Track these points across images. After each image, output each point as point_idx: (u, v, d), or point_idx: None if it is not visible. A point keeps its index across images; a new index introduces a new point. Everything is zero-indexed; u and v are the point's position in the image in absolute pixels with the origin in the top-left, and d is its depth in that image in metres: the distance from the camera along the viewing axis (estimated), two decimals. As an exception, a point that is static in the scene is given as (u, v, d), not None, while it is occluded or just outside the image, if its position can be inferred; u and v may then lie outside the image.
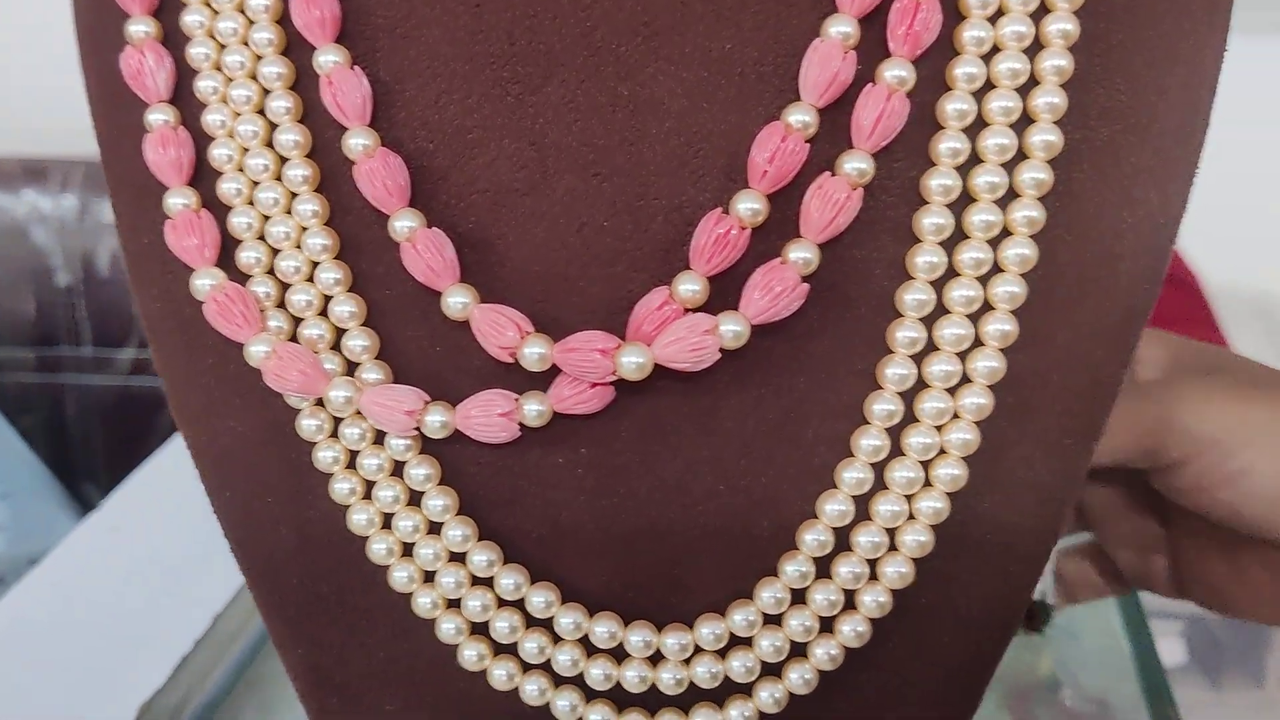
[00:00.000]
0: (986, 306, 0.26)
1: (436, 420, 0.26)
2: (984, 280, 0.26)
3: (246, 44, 0.28)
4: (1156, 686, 0.54)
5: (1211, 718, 1.08)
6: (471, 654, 0.28)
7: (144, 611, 0.56)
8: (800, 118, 0.25)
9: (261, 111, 0.28)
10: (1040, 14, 0.25)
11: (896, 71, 0.25)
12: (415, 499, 0.28)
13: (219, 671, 0.54)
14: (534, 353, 0.26)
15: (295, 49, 0.28)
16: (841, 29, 0.25)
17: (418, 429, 0.27)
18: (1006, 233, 0.25)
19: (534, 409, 0.26)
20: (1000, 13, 0.25)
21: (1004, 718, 0.56)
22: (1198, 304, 1.09)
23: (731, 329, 0.25)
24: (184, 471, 0.31)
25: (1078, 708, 0.56)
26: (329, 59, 0.27)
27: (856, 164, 0.25)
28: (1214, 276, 1.10)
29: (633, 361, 0.25)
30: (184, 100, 0.28)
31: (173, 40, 0.28)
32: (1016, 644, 0.62)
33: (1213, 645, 1.09)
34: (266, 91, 0.28)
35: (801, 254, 0.25)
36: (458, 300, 0.26)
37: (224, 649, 0.55)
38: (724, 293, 0.26)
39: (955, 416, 0.26)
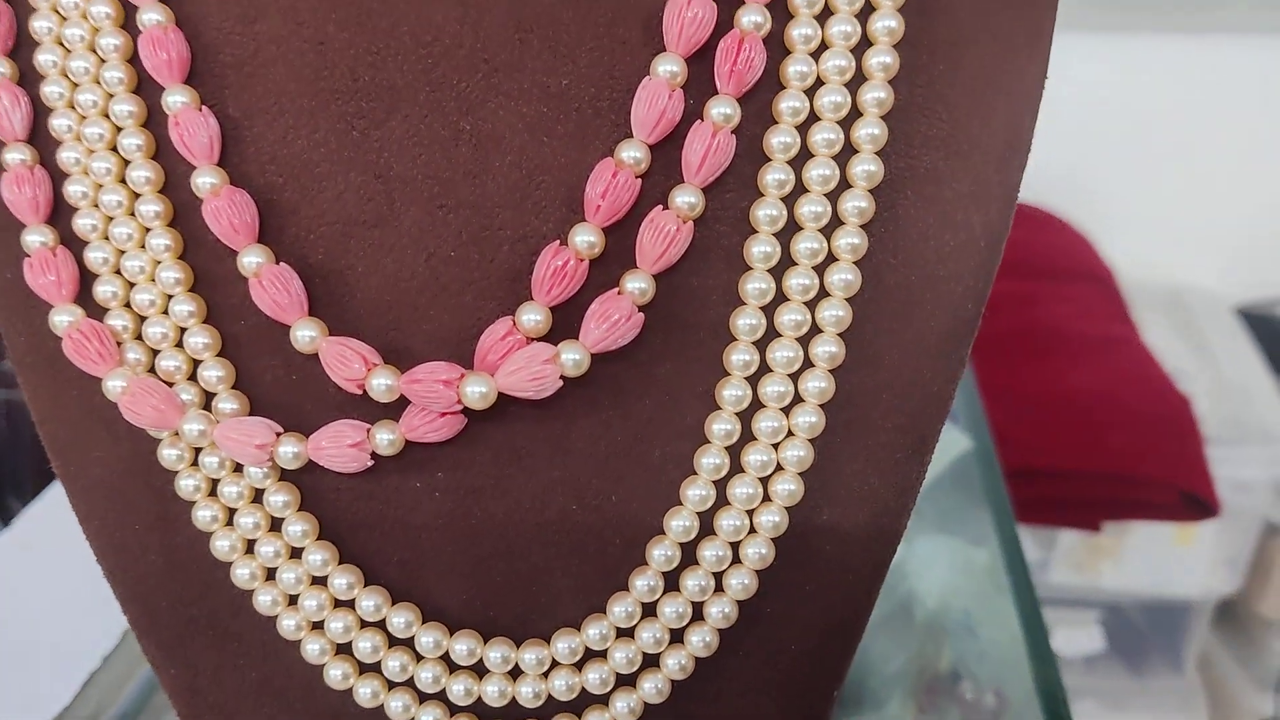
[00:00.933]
0: (815, 329, 0.27)
1: (289, 451, 0.27)
2: (811, 305, 0.27)
3: (99, 82, 0.28)
4: (1050, 679, 0.55)
5: (1132, 705, 1.11)
6: (336, 673, 0.29)
7: (53, 627, 0.56)
8: (632, 154, 0.26)
9: (115, 148, 0.28)
10: (862, 48, 0.26)
11: (722, 109, 0.26)
12: (276, 525, 0.29)
13: (129, 688, 0.54)
14: (381, 384, 0.27)
15: (147, 86, 0.28)
16: (669, 68, 0.26)
17: (271, 460, 0.27)
18: (832, 259, 0.27)
19: (385, 438, 0.27)
20: (824, 46, 0.26)
21: (908, 711, 0.58)
22: (1112, 297, 1.11)
23: (571, 357, 0.26)
24: None
25: (978, 700, 0.58)
26: (177, 99, 0.27)
27: (687, 198, 0.26)
28: (1127, 272, 1.13)
29: (476, 391, 0.26)
30: (40, 137, 0.29)
31: (28, 78, 0.29)
32: (919, 638, 0.64)
33: (1131, 632, 1.11)
34: (119, 129, 0.28)
35: (637, 284, 0.26)
36: (305, 334, 0.27)
37: (134, 665, 0.55)
38: (569, 321, 0.27)
39: (790, 434, 0.27)
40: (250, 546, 0.29)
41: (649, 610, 0.28)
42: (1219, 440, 0.97)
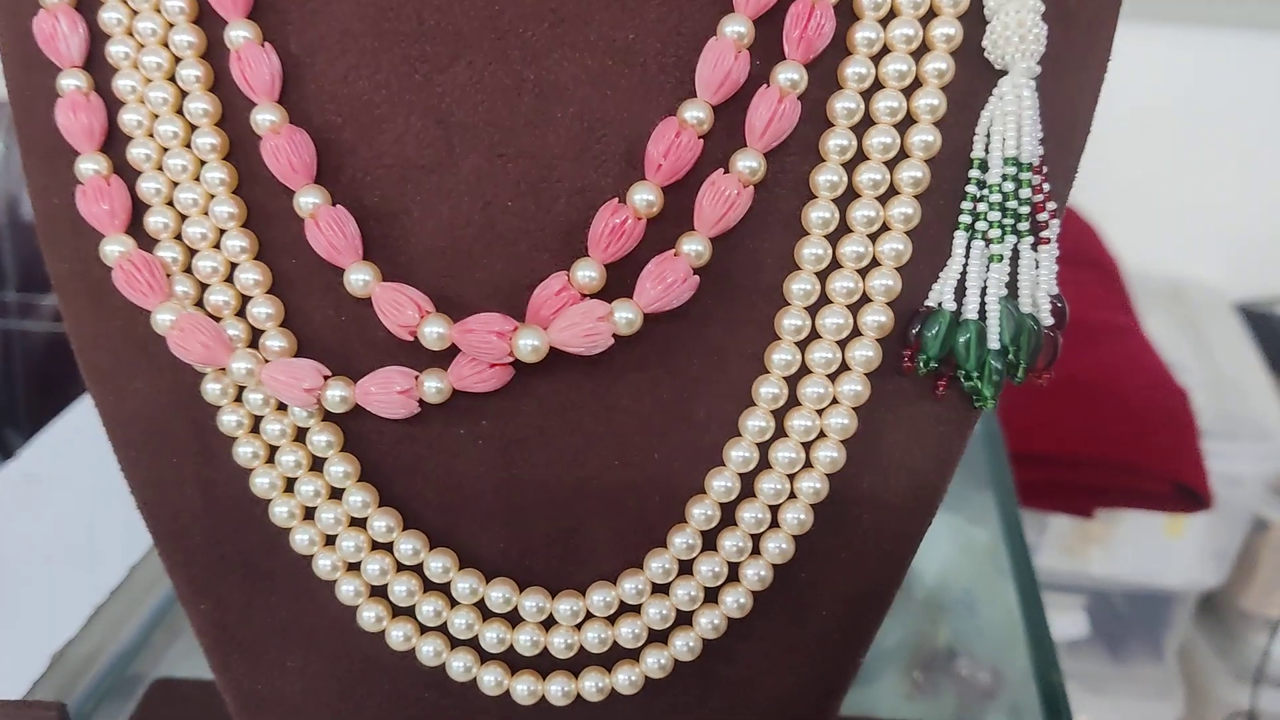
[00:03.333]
0: (865, 298, 0.27)
1: (336, 395, 0.27)
2: (863, 273, 0.27)
3: (159, 11, 0.28)
4: (1047, 659, 0.56)
5: (1112, 689, 1.12)
6: (370, 615, 0.29)
7: (59, 561, 0.56)
8: (695, 114, 0.26)
9: (173, 78, 0.28)
10: (929, 18, 0.26)
11: (789, 74, 0.26)
12: (317, 465, 0.29)
13: (133, 622, 0.54)
14: (433, 332, 0.27)
15: (207, 18, 0.28)
16: (736, 29, 0.26)
17: (317, 402, 0.27)
18: (885, 227, 0.27)
19: (434, 386, 0.27)
20: (893, 14, 0.26)
21: (905, 685, 0.59)
22: (1115, 287, 1.12)
23: (625, 316, 0.26)
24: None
25: (973, 677, 0.59)
26: (239, 34, 0.27)
27: (748, 162, 0.26)
28: (1131, 262, 1.13)
29: (529, 344, 0.26)
30: (96, 65, 0.28)
31: (87, 4, 0.28)
32: (917, 615, 0.64)
33: (1115, 619, 1.13)
34: (178, 59, 0.28)
35: (694, 247, 0.26)
36: (359, 278, 0.27)
37: (139, 600, 0.55)
38: (622, 278, 0.27)
39: (835, 402, 0.28)
40: (290, 485, 0.29)
41: (685, 568, 0.29)
42: (1213, 434, 0.97)
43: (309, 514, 0.29)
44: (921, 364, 0.27)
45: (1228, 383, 1.08)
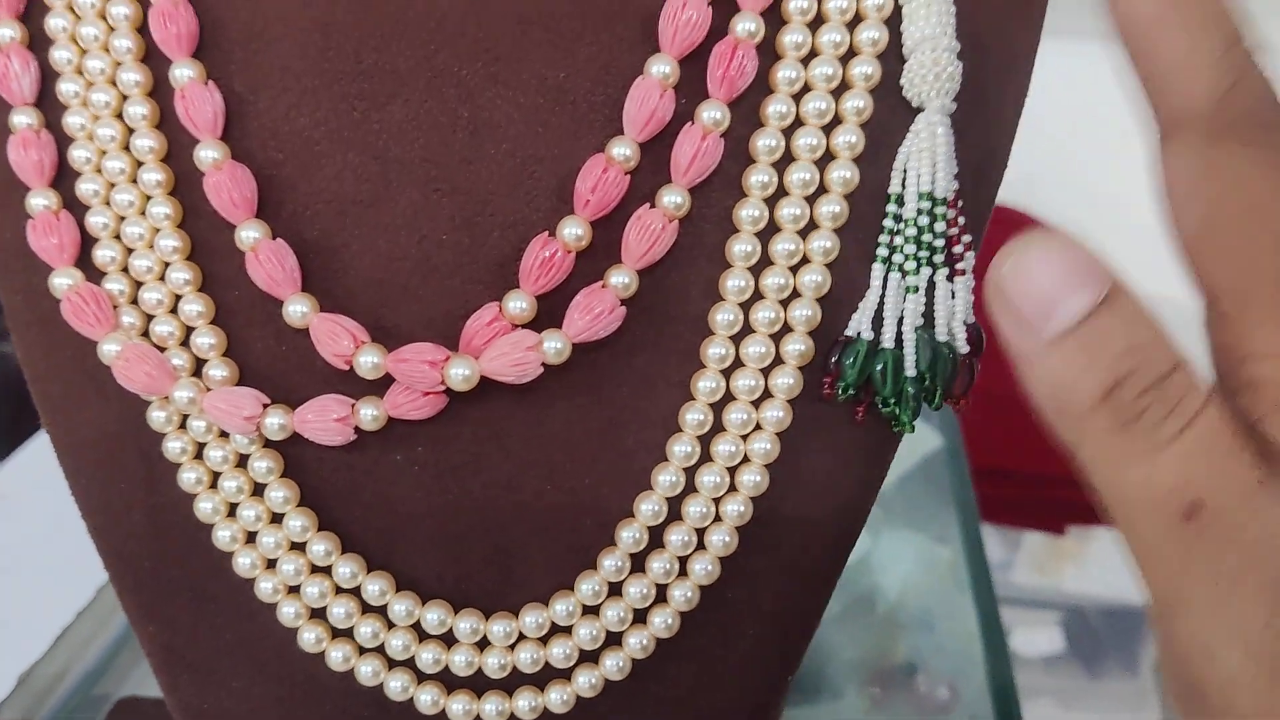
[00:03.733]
0: (787, 328, 0.28)
1: (275, 423, 0.28)
2: (785, 304, 0.28)
3: (108, 50, 0.29)
4: (1003, 676, 0.57)
5: (1088, 705, 1.13)
6: (310, 637, 0.30)
7: (28, 582, 0.57)
8: (622, 151, 0.27)
9: (120, 115, 0.29)
10: (849, 56, 0.27)
11: (713, 113, 0.27)
12: (259, 490, 0.30)
13: (99, 643, 0.55)
14: (368, 361, 0.27)
15: (154, 57, 0.29)
16: (662, 68, 0.27)
17: (258, 429, 0.28)
18: (806, 260, 0.28)
19: (369, 414, 0.28)
20: (814, 54, 0.27)
21: (862, 700, 0.60)
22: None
23: (554, 346, 0.27)
24: None
25: (931, 693, 0.60)
26: (184, 73, 0.28)
27: (674, 198, 0.27)
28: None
29: (460, 373, 0.27)
30: (47, 101, 0.29)
31: (37, 42, 0.29)
32: (877, 631, 0.65)
33: (1090, 635, 1.13)
34: (125, 97, 0.29)
35: (621, 279, 0.27)
36: (297, 309, 0.28)
37: (105, 621, 0.56)
38: (553, 309, 0.28)
39: (758, 427, 0.29)
40: (232, 510, 0.30)
41: (615, 590, 0.30)
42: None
43: (250, 538, 0.30)
44: (840, 391, 0.28)
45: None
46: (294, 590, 0.30)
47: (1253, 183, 0.23)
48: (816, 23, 0.27)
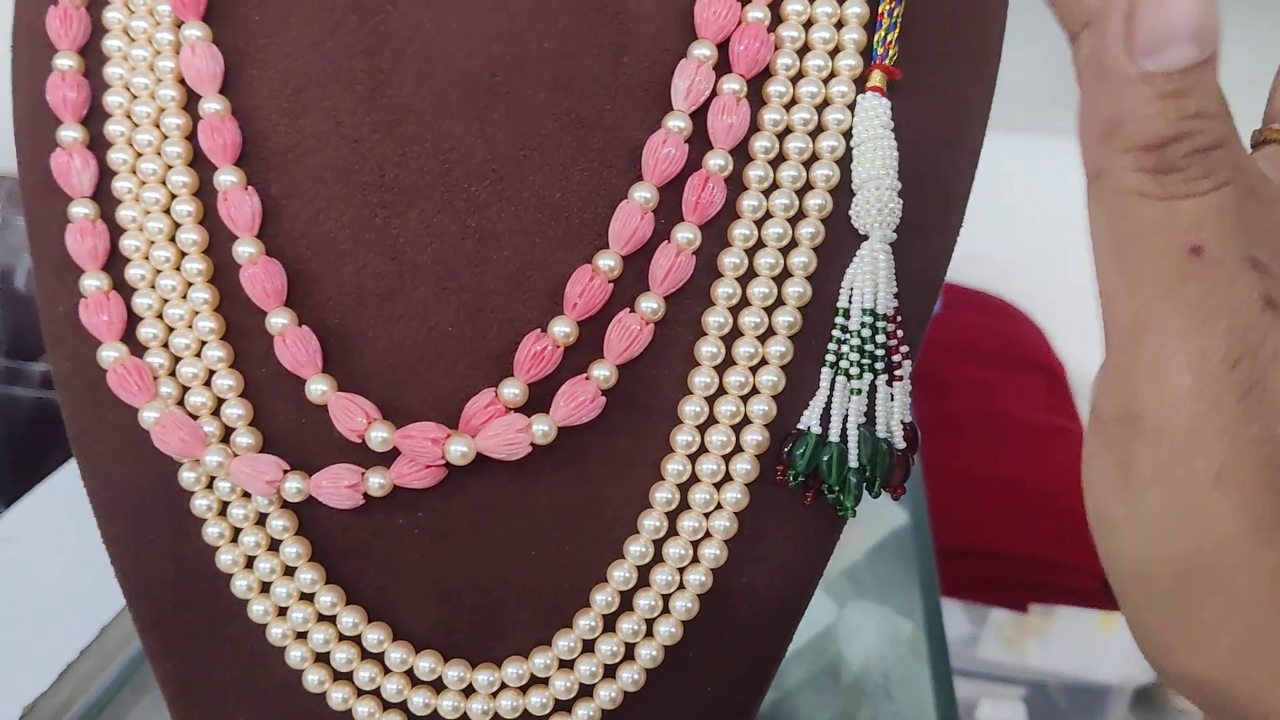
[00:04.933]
0: (746, 420, 0.32)
1: (293, 487, 0.32)
2: (745, 399, 0.32)
3: (160, 154, 0.33)
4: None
5: (1049, 778, 1.15)
6: (314, 678, 0.34)
7: (35, 620, 0.60)
8: (607, 262, 0.31)
9: (168, 211, 0.33)
10: (806, 189, 0.32)
11: (686, 233, 0.31)
12: (275, 545, 0.33)
13: (103, 678, 0.58)
14: (378, 436, 0.31)
15: (201, 160, 0.33)
16: (643, 194, 0.31)
17: (277, 492, 0.32)
18: (764, 362, 0.32)
19: (377, 482, 0.32)
20: (775, 186, 0.32)
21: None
22: (1061, 390, 1.17)
23: (541, 429, 0.31)
24: (81, 492, 0.35)
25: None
26: (227, 179, 0.32)
27: (650, 304, 0.31)
28: (1076, 367, 1.19)
29: (458, 450, 0.31)
30: (103, 195, 0.34)
31: (97, 143, 0.34)
32: (842, 697, 0.68)
33: (1052, 709, 1.16)
34: (174, 196, 0.33)
35: (603, 372, 0.31)
36: (318, 388, 0.32)
37: (109, 658, 0.59)
38: (543, 395, 0.32)
39: (719, 507, 0.32)
40: (250, 562, 0.34)
41: (588, 647, 0.33)
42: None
43: (265, 588, 0.34)
44: (792, 478, 0.32)
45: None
46: (301, 636, 0.34)
47: None
48: (778, 160, 0.32)
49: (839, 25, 0.32)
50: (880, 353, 0.32)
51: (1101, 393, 0.25)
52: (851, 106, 0.32)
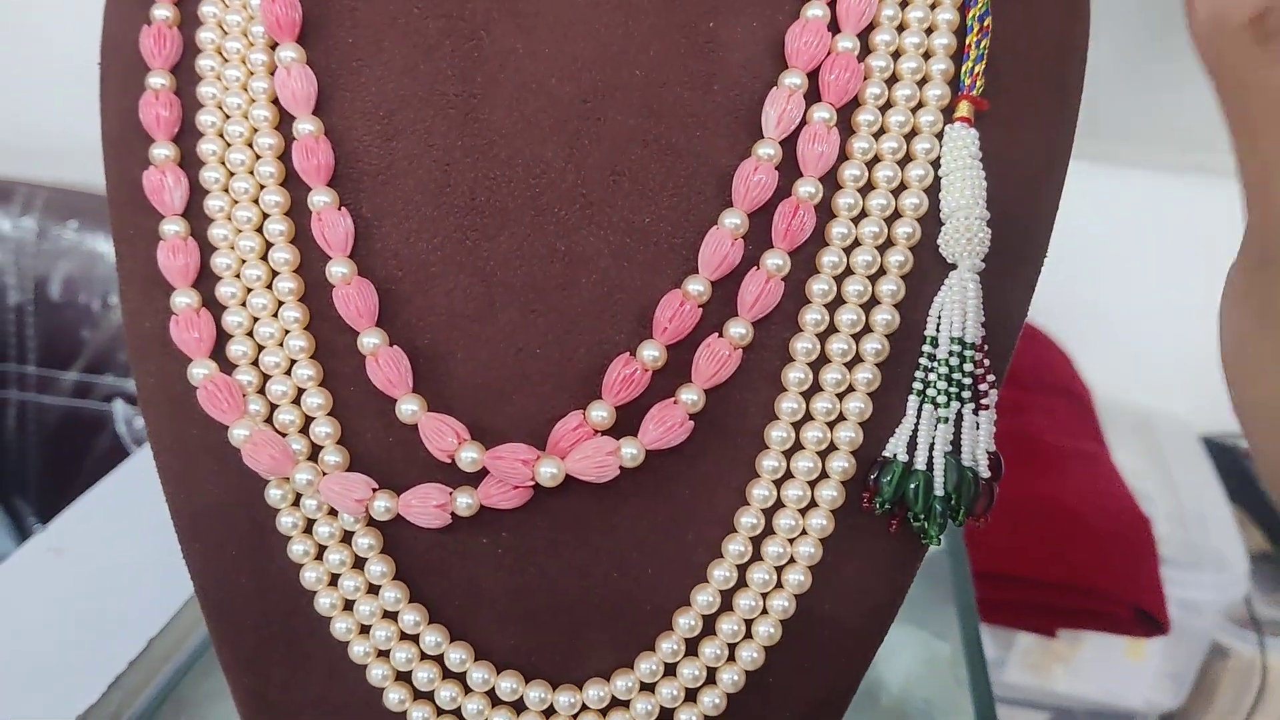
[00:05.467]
0: (833, 446, 0.32)
1: (383, 506, 0.32)
2: (831, 425, 0.32)
3: (252, 173, 0.33)
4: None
5: (1073, 802, 1.15)
6: (395, 697, 0.34)
7: (83, 631, 0.60)
8: (696, 288, 0.32)
9: (260, 230, 0.33)
10: (894, 218, 0.32)
11: (775, 260, 0.31)
12: (359, 563, 0.34)
13: (150, 690, 0.58)
14: (468, 457, 0.32)
15: (293, 180, 0.34)
16: (733, 220, 0.31)
17: (366, 511, 0.32)
18: (851, 389, 0.32)
19: (465, 502, 0.32)
20: (864, 214, 0.32)
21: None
22: (1087, 415, 1.17)
23: (630, 451, 0.31)
24: (127, 500, 0.36)
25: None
26: (320, 199, 0.33)
27: (739, 329, 0.32)
28: (1103, 392, 1.19)
29: (548, 472, 0.31)
30: (194, 213, 0.34)
31: (189, 162, 0.34)
32: (880, 719, 0.68)
33: (1078, 734, 1.16)
34: (265, 215, 0.33)
35: (690, 396, 0.32)
36: (408, 408, 0.32)
37: (156, 670, 0.59)
38: (630, 419, 0.32)
39: (804, 533, 0.33)
40: (335, 580, 0.34)
41: (670, 670, 0.33)
42: (1174, 562, 1.02)
43: (349, 605, 0.34)
44: (878, 505, 0.32)
45: (1190, 513, 1.13)
46: (383, 654, 0.34)
47: None
48: (867, 188, 0.32)
49: (927, 56, 0.33)
50: (967, 381, 0.32)
51: (1244, 243, 0.27)
52: (939, 135, 0.32)
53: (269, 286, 0.33)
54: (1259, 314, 0.27)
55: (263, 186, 0.34)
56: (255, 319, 0.33)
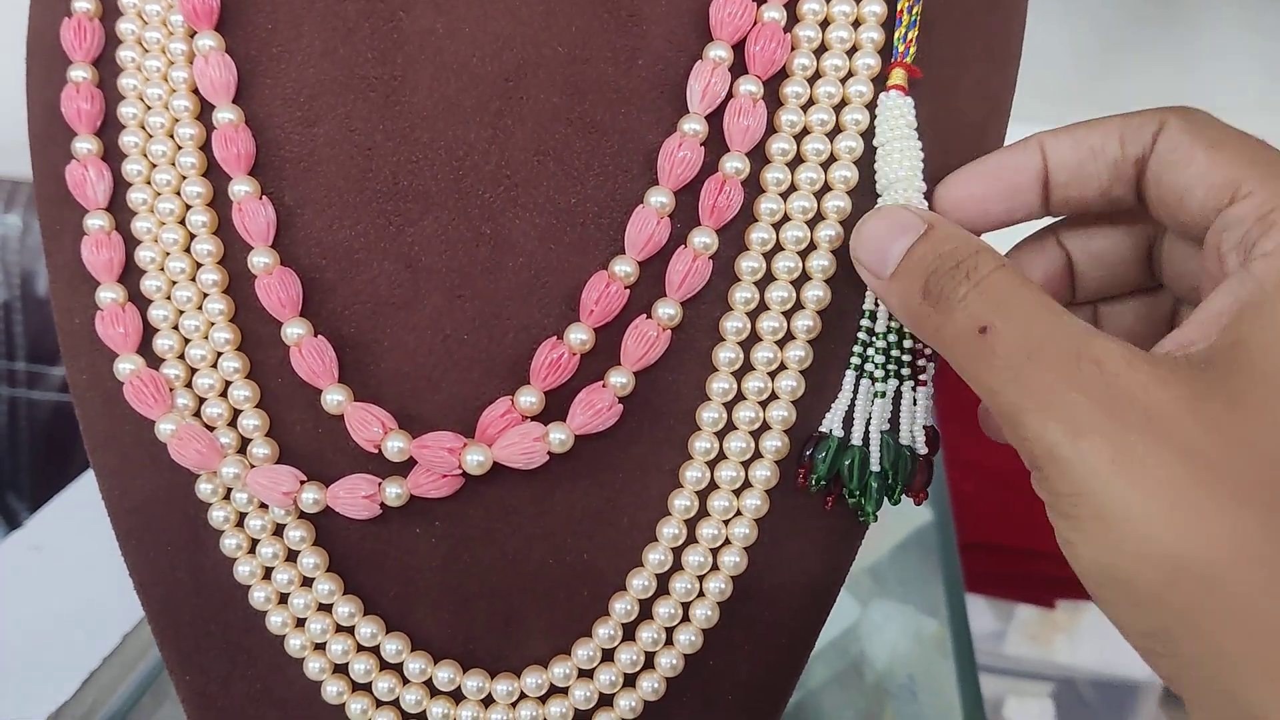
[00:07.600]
0: (765, 426, 0.32)
1: (310, 498, 0.32)
2: (764, 404, 0.32)
3: (174, 165, 0.33)
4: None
5: (1076, 773, 1.14)
6: (333, 690, 0.34)
7: (58, 627, 0.60)
8: (623, 268, 0.31)
9: (183, 222, 0.33)
10: (824, 191, 0.31)
11: (702, 238, 0.31)
12: (292, 556, 0.33)
13: (124, 687, 0.58)
14: (394, 446, 0.31)
15: (215, 171, 0.33)
16: (660, 198, 0.31)
17: (294, 503, 0.32)
18: (783, 366, 0.31)
19: (394, 491, 0.32)
20: (793, 189, 0.31)
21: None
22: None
23: (558, 437, 0.31)
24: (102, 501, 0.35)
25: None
26: (241, 189, 0.32)
27: (667, 310, 0.31)
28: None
29: (475, 459, 0.31)
30: (118, 207, 0.33)
31: (111, 155, 0.34)
32: (866, 697, 0.68)
33: (1081, 707, 1.15)
34: (188, 206, 0.33)
35: (619, 379, 0.31)
36: (334, 398, 0.32)
37: (130, 667, 0.59)
38: (559, 403, 0.32)
39: (739, 514, 0.32)
40: (268, 573, 0.33)
41: (608, 655, 0.33)
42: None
43: (283, 599, 0.33)
44: (813, 483, 0.32)
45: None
46: (320, 647, 0.33)
47: None
48: (796, 162, 0.31)
49: (856, 24, 0.32)
50: (906, 357, 0.31)
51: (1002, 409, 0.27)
52: (870, 106, 0.31)
53: (193, 279, 0.33)
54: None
55: (184, 178, 0.33)
56: (180, 312, 0.33)
